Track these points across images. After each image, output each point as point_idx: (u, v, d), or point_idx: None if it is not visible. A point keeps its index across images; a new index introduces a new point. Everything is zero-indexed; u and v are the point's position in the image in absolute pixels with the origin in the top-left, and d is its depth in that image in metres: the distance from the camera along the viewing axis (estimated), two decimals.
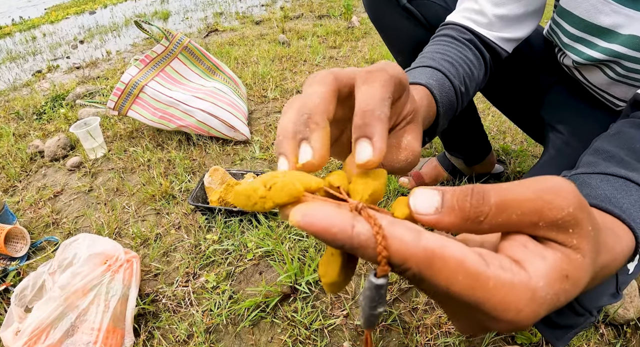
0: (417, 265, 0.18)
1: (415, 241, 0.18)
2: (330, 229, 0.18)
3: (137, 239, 1.10)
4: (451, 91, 0.48)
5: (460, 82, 0.50)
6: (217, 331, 0.84)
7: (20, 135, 1.85)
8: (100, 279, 0.86)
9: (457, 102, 0.49)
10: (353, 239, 0.18)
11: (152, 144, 1.55)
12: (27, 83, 2.66)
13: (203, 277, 0.95)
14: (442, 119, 0.45)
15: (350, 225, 0.18)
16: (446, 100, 0.46)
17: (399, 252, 0.18)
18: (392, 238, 0.18)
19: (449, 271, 0.18)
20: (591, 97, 0.70)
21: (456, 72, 0.50)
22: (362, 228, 0.18)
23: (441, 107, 0.44)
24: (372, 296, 0.19)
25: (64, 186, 1.43)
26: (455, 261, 0.18)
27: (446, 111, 0.46)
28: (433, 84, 0.45)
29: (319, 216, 0.18)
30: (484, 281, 0.18)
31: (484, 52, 0.58)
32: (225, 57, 2.39)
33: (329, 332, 0.80)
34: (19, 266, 1.10)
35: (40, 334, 0.82)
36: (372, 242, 0.18)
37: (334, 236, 0.18)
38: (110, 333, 0.83)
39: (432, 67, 0.49)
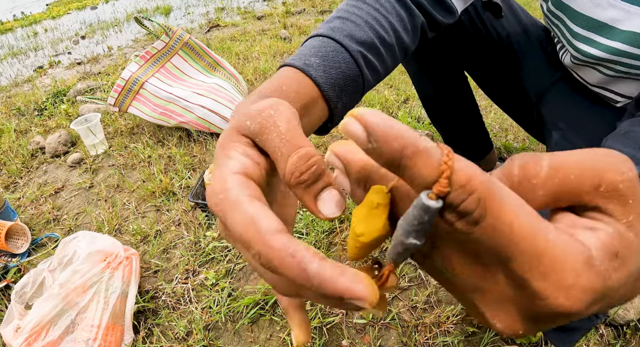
0: (483, 193, 0.15)
1: (481, 171, 0.16)
2: (399, 134, 0.15)
3: (137, 235, 1.10)
4: (349, 64, 0.40)
5: (367, 48, 0.42)
6: (216, 328, 0.84)
7: (22, 132, 1.85)
8: (100, 277, 0.86)
9: (362, 76, 0.42)
10: (420, 142, 0.15)
11: (153, 141, 1.54)
12: (28, 79, 2.66)
13: (202, 275, 0.95)
14: (339, 101, 0.39)
15: (416, 135, 0.16)
16: (339, 78, 0.39)
17: (465, 171, 0.15)
18: (461, 163, 0.15)
19: (514, 206, 0.16)
20: (591, 93, 0.69)
21: (362, 36, 0.42)
22: (430, 143, 0.16)
23: (330, 91, 0.38)
24: (412, 219, 0.16)
25: (65, 182, 1.43)
26: (518, 200, 0.16)
27: (344, 90, 0.40)
28: (315, 64, 0.38)
29: (389, 121, 0.16)
30: (544, 229, 0.16)
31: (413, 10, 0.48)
32: (226, 53, 2.38)
33: (328, 331, 0.80)
34: (20, 263, 1.10)
35: (40, 331, 0.82)
36: (438, 153, 0.15)
37: (400, 132, 0.15)
38: (109, 330, 0.83)
39: (323, 34, 0.42)
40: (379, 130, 0.16)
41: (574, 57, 0.62)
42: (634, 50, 0.52)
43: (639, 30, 0.50)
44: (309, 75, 0.37)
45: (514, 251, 0.16)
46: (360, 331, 0.80)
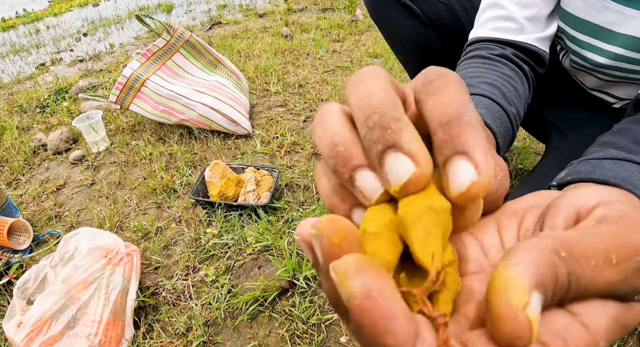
0: None
1: None
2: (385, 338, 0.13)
3: (138, 232, 1.10)
4: (503, 115, 0.42)
5: (509, 103, 0.44)
6: (216, 324, 0.85)
7: (24, 129, 1.86)
8: (101, 273, 0.87)
9: (511, 126, 0.43)
10: None
11: (154, 138, 1.55)
12: (30, 76, 2.67)
13: (203, 271, 0.95)
14: (502, 149, 0.39)
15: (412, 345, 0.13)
16: (502, 127, 0.40)
17: None
18: None
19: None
20: (589, 96, 0.70)
21: (501, 94, 0.44)
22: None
23: (499, 137, 0.38)
24: None
25: (67, 179, 1.44)
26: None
27: (505, 140, 0.40)
28: (483, 113, 0.39)
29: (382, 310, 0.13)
30: None
31: (520, 64, 0.53)
32: (228, 50, 2.38)
33: (326, 327, 0.81)
34: (22, 259, 1.11)
35: (42, 326, 0.83)
36: None
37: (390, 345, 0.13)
38: (110, 325, 0.84)
39: (475, 94, 0.43)
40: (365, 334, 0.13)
41: (574, 61, 0.63)
42: (632, 54, 0.52)
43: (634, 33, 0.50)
44: (487, 125, 0.37)
45: None
46: None
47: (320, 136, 0.17)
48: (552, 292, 0.14)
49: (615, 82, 0.61)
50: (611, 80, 0.61)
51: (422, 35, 0.77)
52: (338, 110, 0.18)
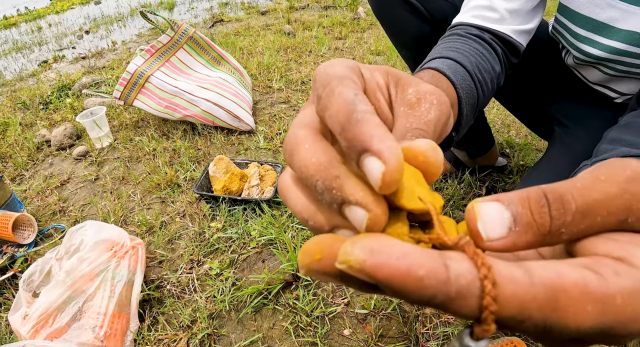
0: (541, 310, 0.14)
1: (529, 278, 0.14)
2: (415, 271, 0.13)
3: (142, 226, 1.11)
4: (466, 76, 0.43)
5: (474, 68, 0.46)
6: (220, 317, 0.86)
7: (27, 125, 1.86)
8: (107, 265, 0.87)
9: (476, 90, 0.44)
10: (450, 286, 0.13)
11: (158, 134, 1.56)
12: (33, 73, 2.68)
13: (207, 265, 0.96)
14: (465, 105, 0.41)
15: (443, 264, 0.13)
16: (464, 84, 0.42)
17: (515, 300, 0.13)
18: (503, 280, 0.13)
19: (576, 305, 0.14)
20: (592, 91, 0.70)
21: (468, 60, 0.46)
22: (461, 268, 0.14)
23: (460, 90, 0.40)
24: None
25: (71, 174, 1.45)
26: (579, 290, 0.14)
27: (468, 97, 0.42)
28: (444, 67, 0.41)
29: (395, 251, 0.13)
30: (612, 301, 0.14)
31: (494, 46, 0.55)
32: (230, 48, 2.39)
33: (330, 320, 0.81)
34: (27, 253, 1.12)
35: (47, 318, 0.83)
36: (477, 289, 0.13)
37: (421, 281, 0.13)
38: (115, 318, 0.85)
39: (441, 56, 0.46)
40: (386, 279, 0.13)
41: (576, 57, 0.63)
42: (633, 49, 0.53)
43: (637, 29, 0.51)
44: (446, 75, 0.39)
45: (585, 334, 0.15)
46: (362, 320, 0.81)
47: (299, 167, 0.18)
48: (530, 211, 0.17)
49: (618, 77, 0.62)
50: (615, 75, 0.61)
51: (424, 30, 0.78)
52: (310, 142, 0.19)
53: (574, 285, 0.14)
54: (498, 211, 0.17)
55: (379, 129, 0.16)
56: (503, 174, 1.17)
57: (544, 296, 0.14)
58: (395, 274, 0.13)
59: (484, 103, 0.48)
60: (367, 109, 0.17)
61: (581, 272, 0.15)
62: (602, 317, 0.14)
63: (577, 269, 0.15)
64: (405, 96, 0.24)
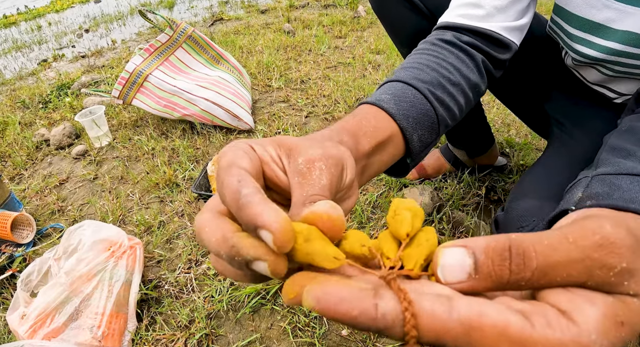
0: (454, 341, 0.16)
1: (448, 314, 0.16)
2: (350, 312, 0.16)
3: (140, 226, 1.11)
4: (417, 98, 0.43)
5: (433, 86, 0.45)
6: (218, 317, 0.85)
7: (26, 124, 1.86)
8: (104, 265, 0.87)
9: (434, 110, 0.44)
10: (378, 322, 0.16)
11: (157, 133, 1.55)
12: (32, 72, 2.68)
13: (205, 264, 0.96)
14: (412, 132, 0.41)
15: (373, 305, 0.16)
16: (412, 111, 0.41)
17: (432, 330, 0.16)
18: (422, 313, 0.16)
19: (491, 342, 0.16)
20: (590, 91, 0.70)
21: (426, 77, 0.45)
22: (387, 306, 0.16)
23: (403, 120, 0.40)
24: None
25: (70, 174, 1.44)
26: (497, 330, 0.16)
27: (417, 122, 0.42)
28: (386, 99, 0.41)
29: (335, 298, 0.16)
30: (528, 338, 0.16)
31: (471, 52, 0.53)
32: (230, 46, 2.38)
33: (328, 320, 0.81)
34: (25, 253, 1.12)
35: (45, 318, 0.83)
36: (400, 321, 0.16)
37: (355, 319, 0.16)
38: (113, 318, 0.85)
39: (393, 80, 0.45)
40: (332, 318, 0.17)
41: (574, 58, 0.63)
42: (630, 49, 0.52)
43: (634, 29, 0.50)
44: (382, 108, 0.40)
45: None
46: None
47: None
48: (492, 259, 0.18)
49: (617, 78, 0.62)
50: (613, 75, 0.61)
51: (423, 27, 0.77)
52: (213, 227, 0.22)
53: (492, 326, 0.16)
54: (461, 257, 0.19)
55: (260, 206, 0.19)
56: (503, 174, 1.16)
57: (459, 330, 0.16)
58: (337, 316, 0.16)
59: (454, 117, 0.48)
60: (249, 192, 0.20)
61: (506, 315, 0.16)
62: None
63: (504, 311, 0.16)
64: (297, 166, 0.26)
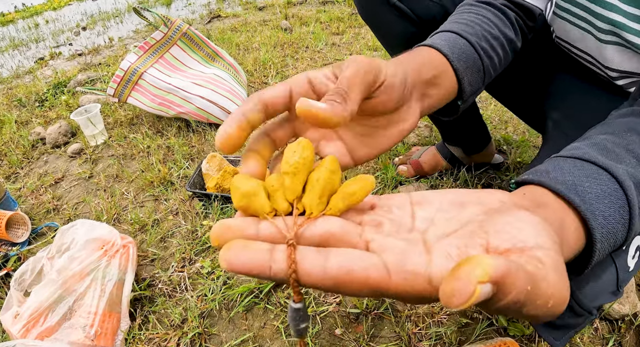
0: (328, 289, 0.22)
1: (322, 273, 0.21)
2: (251, 271, 0.22)
3: (135, 224, 1.10)
4: (466, 47, 0.44)
5: (478, 38, 0.47)
6: (211, 316, 0.85)
7: (23, 123, 1.86)
8: (97, 264, 0.87)
9: (480, 59, 0.46)
10: (272, 277, 0.22)
11: (152, 131, 1.55)
12: (29, 70, 2.67)
13: (199, 263, 0.95)
14: (463, 75, 0.43)
15: (268, 267, 0.22)
16: (462, 56, 0.43)
17: (310, 283, 0.22)
18: (303, 272, 0.22)
19: (355, 288, 0.21)
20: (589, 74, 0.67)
21: (472, 30, 0.47)
22: (278, 267, 0.22)
23: (456, 62, 0.42)
24: (294, 316, 0.24)
25: (65, 172, 1.44)
26: (359, 280, 0.21)
27: (468, 67, 0.43)
28: (440, 42, 0.43)
29: (240, 261, 0.21)
30: (386, 287, 0.22)
31: (505, 11, 0.54)
32: (226, 44, 2.37)
33: (321, 319, 0.81)
34: (20, 252, 1.11)
35: (38, 317, 0.83)
36: (287, 277, 0.22)
37: (257, 275, 0.22)
38: (106, 317, 0.84)
39: (442, 31, 0.47)
40: (240, 274, 0.22)
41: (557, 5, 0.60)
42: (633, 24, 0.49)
43: None
44: (437, 49, 0.42)
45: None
46: (354, 320, 0.80)
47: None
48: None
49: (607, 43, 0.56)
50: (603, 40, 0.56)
51: (411, 33, 0.76)
52: None
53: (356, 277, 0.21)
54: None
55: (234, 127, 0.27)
56: (499, 171, 1.15)
57: (329, 281, 0.21)
58: (242, 273, 0.22)
59: (495, 69, 0.50)
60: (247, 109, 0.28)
61: (368, 271, 0.22)
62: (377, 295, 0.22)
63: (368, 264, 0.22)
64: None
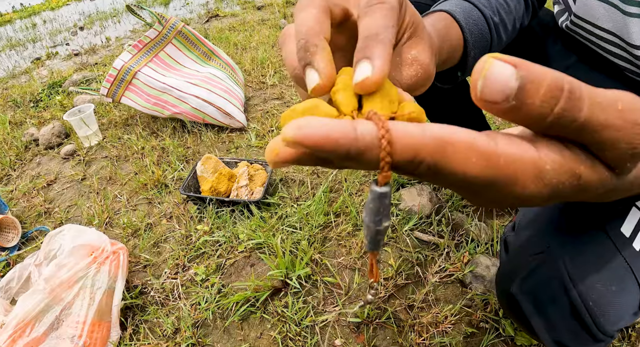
0: (431, 155, 0.17)
1: (421, 133, 0.17)
2: (330, 134, 0.16)
3: (127, 229, 1.07)
4: (480, 20, 0.45)
5: (492, 12, 0.47)
6: (205, 326, 0.81)
7: (17, 123, 1.82)
8: (86, 272, 0.83)
9: (490, 33, 0.46)
10: (358, 142, 0.16)
11: (147, 132, 1.51)
12: (26, 70, 2.63)
13: (192, 270, 0.92)
14: (472, 48, 0.43)
15: (352, 128, 0.17)
16: (475, 29, 0.43)
17: (409, 146, 0.17)
18: (398, 133, 0.17)
19: (462, 155, 0.17)
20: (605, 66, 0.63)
21: (487, 2, 0.47)
22: (366, 129, 0.17)
23: (468, 34, 0.42)
24: (377, 208, 0.18)
25: (58, 174, 1.40)
26: (466, 144, 0.17)
27: (477, 41, 0.44)
28: (457, 10, 0.43)
29: (316, 125, 0.16)
30: (495, 159, 0.17)
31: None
32: (224, 43, 2.33)
33: (320, 329, 0.77)
34: (9, 257, 1.08)
35: (25, 328, 0.79)
36: (377, 141, 0.17)
37: (336, 141, 0.16)
38: (95, 327, 0.81)
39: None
40: (312, 146, 0.16)
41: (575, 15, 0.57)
42: None
43: None
44: (454, 18, 0.42)
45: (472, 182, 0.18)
46: (355, 330, 0.77)
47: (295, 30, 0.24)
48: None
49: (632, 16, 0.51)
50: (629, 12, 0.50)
51: None
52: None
53: (462, 140, 0.17)
54: (508, 76, 0.17)
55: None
56: None
57: (433, 144, 0.17)
58: (319, 140, 0.16)
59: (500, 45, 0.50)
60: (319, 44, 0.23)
61: (471, 134, 0.18)
62: (486, 170, 0.17)
63: (474, 133, 0.18)
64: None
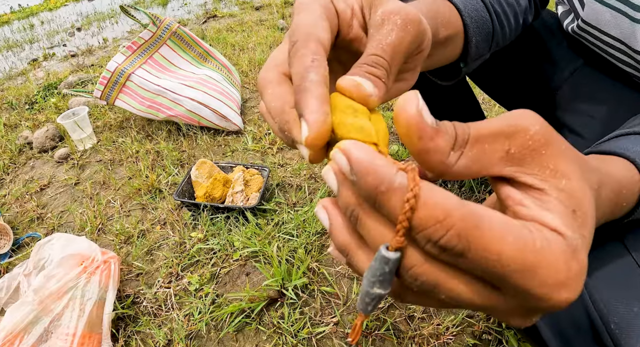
0: (463, 227, 0.15)
1: (458, 202, 0.16)
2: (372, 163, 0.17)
3: (120, 236, 1.04)
4: (479, 5, 0.43)
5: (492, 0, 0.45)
6: (199, 337, 0.79)
7: (11, 126, 1.79)
8: (76, 282, 0.81)
9: (491, 21, 0.44)
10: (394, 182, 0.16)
11: (142, 135, 1.48)
12: (22, 72, 2.61)
13: (186, 279, 0.89)
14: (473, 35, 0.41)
15: (395, 168, 0.17)
16: (474, 14, 0.42)
17: (442, 205, 0.15)
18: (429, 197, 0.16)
19: (499, 232, 0.15)
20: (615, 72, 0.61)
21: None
22: (402, 178, 0.17)
23: (468, 18, 0.40)
24: (375, 270, 0.17)
25: (51, 178, 1.38)
26: (501, 222, 0.16)
27: (477, 27, 0.42)
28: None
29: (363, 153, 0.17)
30: (532, 242, 0.16)
31: None
32: (221, 44, 2.31)
33: (318, 341, 0.74)
34: (0, 264, 1.05)
35: (13, 340, 0.77)
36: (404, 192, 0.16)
37: (377, 168, 0.17)
38: (85, 339, 0.78)
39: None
40: (359, 165, 0.17)
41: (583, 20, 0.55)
42: None
43: None
44: (455, 4, 0.40)
45: (507, 272, 0.15)
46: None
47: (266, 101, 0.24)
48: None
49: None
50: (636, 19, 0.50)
51: None
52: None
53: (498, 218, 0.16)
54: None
55: (314, 101, 0.20)
56: None
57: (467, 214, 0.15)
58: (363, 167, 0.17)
59: (504, 37, 0.48)
60: (315, 79, 0.21)
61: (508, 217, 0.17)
62: (523, 253, 0.15)
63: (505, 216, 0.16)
64: (375, 18, 0.24)
